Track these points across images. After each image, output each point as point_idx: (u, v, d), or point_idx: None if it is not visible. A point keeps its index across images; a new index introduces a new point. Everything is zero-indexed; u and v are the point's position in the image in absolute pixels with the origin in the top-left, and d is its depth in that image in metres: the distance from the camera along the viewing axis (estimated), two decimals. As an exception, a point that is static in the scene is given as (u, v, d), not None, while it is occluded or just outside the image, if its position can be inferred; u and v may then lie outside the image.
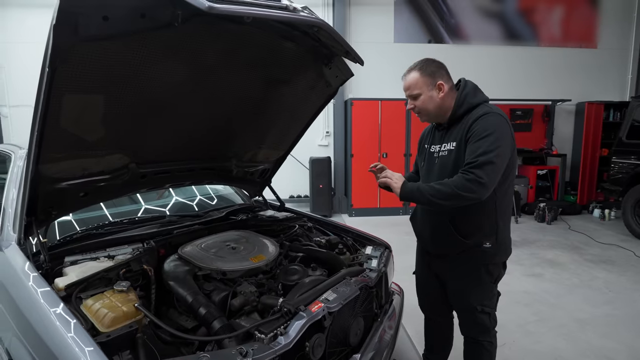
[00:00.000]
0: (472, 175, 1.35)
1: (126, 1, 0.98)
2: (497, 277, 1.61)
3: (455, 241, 1.54)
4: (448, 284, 1.70)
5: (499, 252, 1.57)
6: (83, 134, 1.31)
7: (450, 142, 1.56)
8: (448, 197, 1.38)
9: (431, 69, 1.53)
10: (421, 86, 1.53)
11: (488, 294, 1.61)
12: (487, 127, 1.42)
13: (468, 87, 1.57)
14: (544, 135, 7.02)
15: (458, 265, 1.61)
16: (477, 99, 1.54)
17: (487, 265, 1.56)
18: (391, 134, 6.22)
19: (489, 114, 1.46)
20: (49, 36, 0.95)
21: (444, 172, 1.55)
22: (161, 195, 2.59)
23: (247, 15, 1.02)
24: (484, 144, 1.39)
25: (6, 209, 1.68)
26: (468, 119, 1.50)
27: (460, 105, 1.54)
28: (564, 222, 5.79)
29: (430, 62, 1.55)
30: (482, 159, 1.36)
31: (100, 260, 1.48)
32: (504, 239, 1.57)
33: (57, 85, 1.07)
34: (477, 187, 1.35)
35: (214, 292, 1.40)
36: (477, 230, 1.53)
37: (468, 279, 1.60)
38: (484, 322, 1.62)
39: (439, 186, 1.41)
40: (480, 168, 1.35)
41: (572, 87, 7.04)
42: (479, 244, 1.53)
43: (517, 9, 6.86)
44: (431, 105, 1.55)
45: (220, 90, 1.57)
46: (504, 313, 2.84)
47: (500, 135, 1.41)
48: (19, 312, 1.22)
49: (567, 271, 3.77)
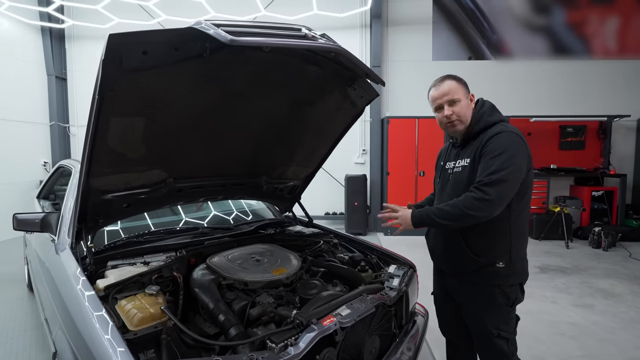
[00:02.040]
0: (480, 193, 1.37)
1: (162, 37, 1.12)
2: (513, 300, 1.55)
3: (467, 259, 1.53)
4: (462, 305, 1.65)
5: (513, 273, 1.52)
6: (126, 152, 1.48)
7: (464, 159, 1.57)
8: (457, 218, 1.40)
9: (464, 81, 1.58)
10: (459, 92, 1.55)
11: (504, 317, 1.55)
12: (500, 145, 1.43)
13: (485, 106, 1.59)
14: (600, 153, 6.50)
15: (471, 285, 1.58)
16: (494, 118, 1.55)
17: (501, 287, 1.52)
18: (428, 152, 6.10)
19: (504, 132, 1.46)
20: (99, 69, 1.11)
21: (457, 189, 1.56)
22: (199, 208, 2.77)
23: (266, 44, 1.12)
24: (496, 162, 1.39)
25: (64, 216, 1.91)
26: (483, 136, 1.51)
27: (477, 122, 1.55)
28: (623, 249, 5.26)
29: (458, 76, 1.60)
30: (493, 177, 1.37)
31: (136, 265, 1.63)
32: (519, 259, 1.53)
33: (105, 110, 1.23)
34: (484, 205, 1.36)
35: (234, 301, 1.48)
36: (490, 248, 1.50)
37: (482, 301, 1.55)
38: (501, 347, 1.54)
39: (448, 208, 1.42)
40: (489, 186, 1.36)
41: (631, 102, 6.50)
42: (492, 263, 1.50)
43: (565, 22, 6.55)
44: (468, 112, 1.57)
45: (249, 111, 1.70)
46: (544, 344, 2.66)
47: (514, 153, 1.41)
48: (66, 310, 1.38)
49: (624, 304, 3.41)
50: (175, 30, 1.10)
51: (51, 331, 1.69)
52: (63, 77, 6.87)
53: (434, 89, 1.60)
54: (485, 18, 6.57)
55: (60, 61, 6.80)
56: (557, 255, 4.98)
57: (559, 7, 6.53)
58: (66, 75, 6.92)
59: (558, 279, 4.06)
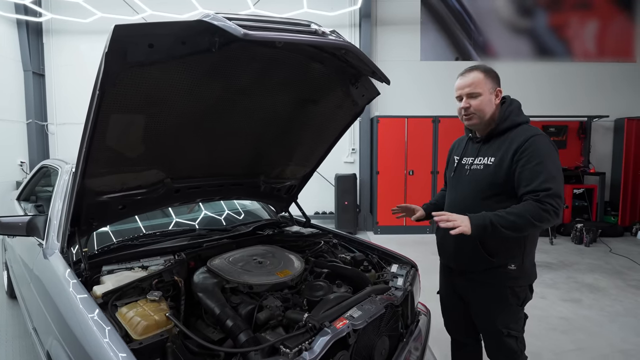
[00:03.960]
0: (549, 206, 1.33)
1: (170, 30, 1.07)
2: (524, 299, 1.56)
3: (481, 258, 1.51)
4: (472, 305, 1.65)
5: (523, 275, 1.53)
6: (125, 151, 1.40)
7: (487, 157, 1.53)
8: (522, 228, 1.36)
9: (494, 74, 1.54)
10: (483, 85, 1.50)
11: (514, 316, 1.55)
12: (542, 149, 1.40)
13: (514, 105, 1.56)
14: (580, 152, 6.72)
15: (481, 285, 1.57)
16: (521, 118, 1.53)
17: (512, 288, 1.52)
18: (418, 151, 6.16)
19: (537, 135, 1.44)
20: (101, 62, 1.05)
21: (476, 187, 1.53)
22: (192, 210, 2.69)
23: (279, 40, 1.08)
24: (545, 168, 1.37)
25: (52, 220, 1.81)
26: (512, 137, 1.48)
27: (503, 120, 1.52)
28: (603, 245, 5.45)
29: (491, 68, 1.55)
30: (553, 187, 1.34)
31: (134, 270, 1.56)
32: (530, 262, 1.54)
33: (105, 106, 1.16)
34: (553, 218, 1.34)
35: (240, 305, 1.43)
36: (506, 250, 1.50)
37: (493, 301, 1.55)
38: (511, 346, 1.55)
39: (513, 217, 1.34)
40: (553, 198, 1.34)
41: (609, 103, 6.75)
42: (504, 264, 1.50)
43: (547, 24, 6.74)
44: (488, 108, 1.52)
45: (251, 110, 1.65)
46: (539, 339, 2.71)
47: (556, 159, 1.42)
48: (60, 316, 1.30)
49: (609, 297, 3.52)
50: (184, 23, 1.05)
51: (42, 341, 1.60)
52: (41, 73, 6.58)
53: (460, 77, 1.55)
54: (472, 20, 6.68)
55: (37, 56, 6.52)
56: (542, 252, 5.11)
57: (542, 10, 6.71)
58: (44, 72, 6.63)
59: (545, 274, 4.16)
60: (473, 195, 1.55)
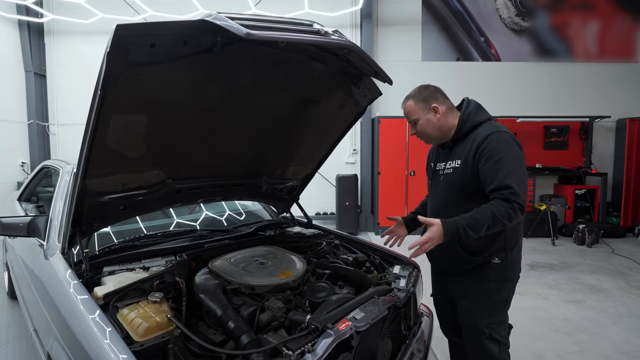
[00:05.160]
0: (514, 204, 1.37)
1: (172, 30, 1.06)
2: (507, 297, 1.58)
3: (463, 258, 1.55)
4: (457, 302, 1.66)
5: (509, 267, 1.55)
6: (126, 151, 1.40)
7: (455, 160, 1.58)
8: (493, 227, 1.38)
9: (424, 95, 1.60)
10: (417, 112, 1.60)
11: (497, 316, 1.56)
12: (499, 146, 1.44)
13: (471, 106, 1.61)
14: (582, 153, 6.70)
15: (467, 280, 1.60)
16: (481, 117, 1.57)
17: (497, 282, 1.54)
18: (419, 151, 6.14)
19: (497, 132, 1.48)
20: (103, 62, 1.04)
21: (451, 190, 1.59)
22: (193, 210, 2.68)
23: (282, 40, 1.07)
24: (505, 164, 1.41)
25: (53, 221, 1.81)
26: (474, 137, 1.52)
27: (464, 122, 1.57)
28: (606, 245, 5.43)
29: (423, 88, 1.63)
30: (514, 183, 1.38)
31: (135, 271, 1.55)
32: (515, 253, 1.57)
33: (107, 106, 1.16)
34: (520, 215, 1.38)
35: (242, 307, 1.41)
36: (485, 247, 1.52)
37: (475, 295, 1.57)
38: (492, 351, 1.53)
39: (482, 219, 1.37)
40: (518, 194, 1.37)
41: (611, 103, 6.73)
42: (488, 260, 1.53)
43: (548, 25, 6.73)
44: (430, 127, 1.61)
45: (253, 110, 1.64)
46: (541, 341, 2.70)
47: (516, 153, 1.45)
48: (61, 318, 1.29)
49: (612, 298, 3.51)
50: (186, 23, 1.04)
51: (42, 342, 1.59)
52: (42, 74, 6.58)
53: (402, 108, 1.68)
54: (473, 20, 6.67)
55: (39, 57, 6.52)
56: (544, 253, 5.10)
57: (543, 11, 6.70)
58: (45, 72, 6.63)
59: (547, 275, 4.15)
60: (449, 199, 1.60)
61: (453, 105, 1.66)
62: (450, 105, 1.63)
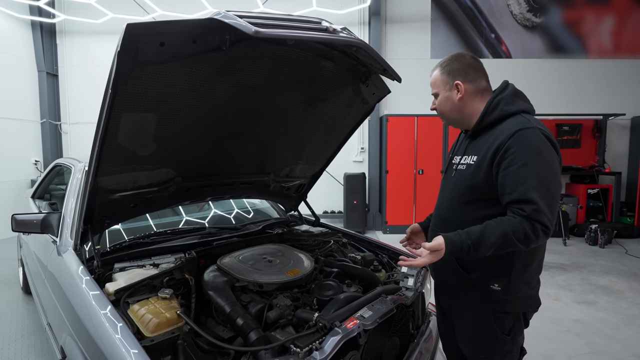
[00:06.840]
0: (538, 225, 1.09)
1: (181, 28, 1.07)
2: (510, 328, 1.27)
3: (456, 273, 1.30)
4: (455, 326, 1.41)
5: (512, 300, 1.24)
6: (136, 150, 1.41)
7: (471, 156, 1.29)
8: (504, 249, 1.13)
9: (452, 67, 1.31)
10: (439, 85, 1.34)
11: (499, 348, 1.28)
12: (528, 147, 1.14)
13: (506, 92, 1.29)
14: (595, 152, 6.57)
15: (463, 305, 1.35)
16: (514, 107, 1.25)
17: (495, 312, 1.26)
18: (427, 150, 6.10)
19: (529, 128, 1.17)
20: (113, 61, 1.05)
21: (457, 191, 1.31)
22: (201, 208, 2.70)
23: (290, 38, 1.07)
24: (533, 172, 1.12)
25: (65, 218, 1.84)
26: (499, 130, 1.22)
27: (491, 110, 1.26)
28: (619, 246, 5.32)
29: (455, 58, 1.33)
30: (540, 198, 1.10)
31: (146, 267, 1.57)
32: (522, 285, 1.24)
33: (117, 105, 1.17)
34: (543, 237, 1.12)
35: (250, 304, 1.43)
36: (485, 266, 1.24)
37: (473, 324, 1.32)
38: None
39: (494, 239, 1.11)
40: (543, 213, 1.09)
41: (626, 101, 6.58)
42: (485, 283, 1.25)
43: (561, 21, 6.60)
44: (447, 107, 1.34)
45: (262, 108, 1.65)
46: (552, 342, 2.66)
47: (549, 159, 1.15)
48: (74, 313, 1.32)
49: (625, 300, 3.44)
50: (195, 21, 1.05)
51: (56, 336, 1.62)
52: (54, 74, 6.70)
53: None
54: (483, 16, 6.58)
55: (51, 57, 6.63)
56: (555, 253, 5.02)
57: (556, 6, 6.58)
58: (57, 72, 6.74)
59: (559, 276, 4.09)
60: (453, 199, 1.33)
61: (489, 87, 1.34)
62: (483, 87, 1.31)
